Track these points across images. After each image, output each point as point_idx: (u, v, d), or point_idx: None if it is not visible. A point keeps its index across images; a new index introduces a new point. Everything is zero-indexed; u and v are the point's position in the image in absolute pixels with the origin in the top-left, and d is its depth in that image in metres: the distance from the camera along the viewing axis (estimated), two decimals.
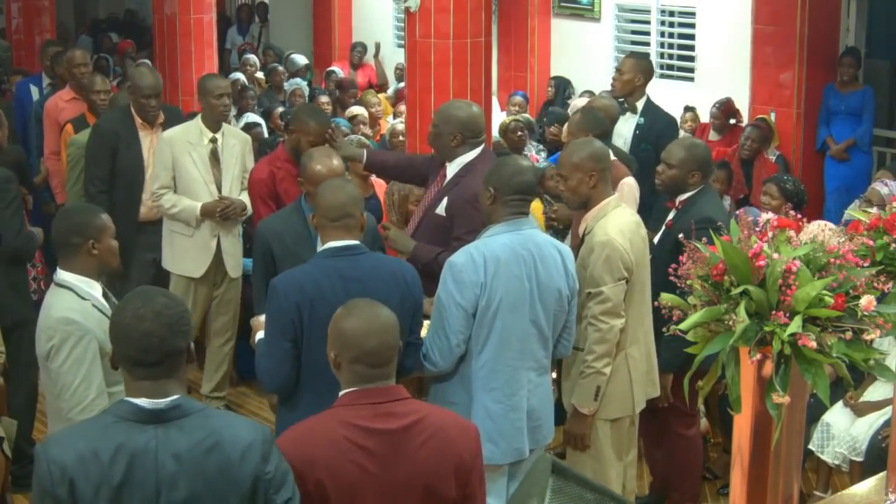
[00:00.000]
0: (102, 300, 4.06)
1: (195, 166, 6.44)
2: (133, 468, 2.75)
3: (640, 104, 7.13)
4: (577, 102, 9.15)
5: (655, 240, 5.23)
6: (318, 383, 4.04)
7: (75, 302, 3.96)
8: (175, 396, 2.82)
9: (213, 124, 6.48)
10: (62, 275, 4.04)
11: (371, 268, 4.11)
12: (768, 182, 6.37)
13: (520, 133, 8.55)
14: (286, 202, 5.57)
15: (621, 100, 7.24)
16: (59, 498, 2.74)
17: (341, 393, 3.18)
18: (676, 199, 5.30)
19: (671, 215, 5.30)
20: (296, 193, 5.43)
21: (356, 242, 4.14)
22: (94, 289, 4.05)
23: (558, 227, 6.27)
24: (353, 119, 9.27)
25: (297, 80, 11.85)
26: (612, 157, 5.39)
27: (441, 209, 5.27)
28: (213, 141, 6.47)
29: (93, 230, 4.06)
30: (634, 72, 7.15)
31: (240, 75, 11.50)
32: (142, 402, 2.79)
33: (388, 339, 3.17)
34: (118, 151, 6.69)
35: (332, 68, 12.52)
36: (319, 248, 4.22)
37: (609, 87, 7.76)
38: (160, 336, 2.82)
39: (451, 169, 5.33)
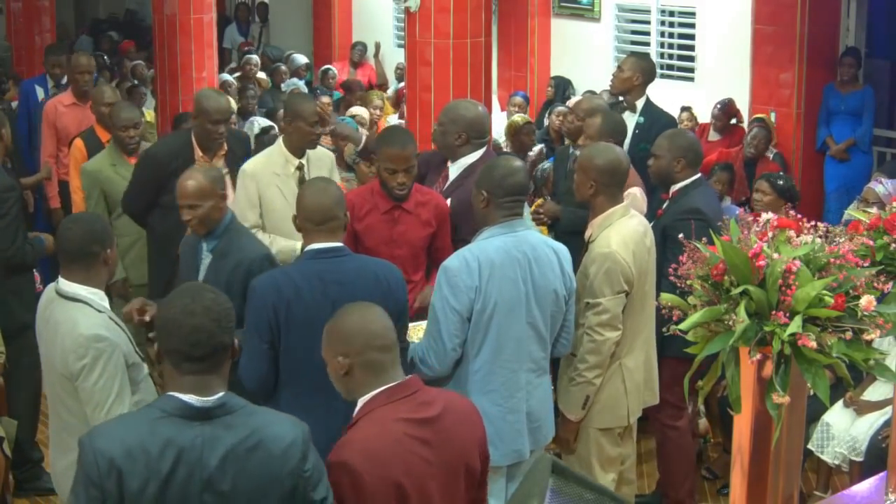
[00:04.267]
0: (111, 311, 3.94)
1: (284, 199, 5.51)
2: (180, 464, 2.77)
3: (639, 104, 7.13)
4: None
5: None
6: (297, 384, 4.05)
7: (97, 316, 3.82)
8: (221, 394, 2.84)
9: (299, 150, 5.67)
10: (72, 287, 3.86)
11: (352, 270, 4.10)
12: (760, 179, 6.48)
13: (531, 136, 8.57)
14: None
15: (620, 99, 7.24)
16: (107, 490, 2.75)
17: (369, 396, 3.16)
18: (670, 190, 5.40)
19: (664, 206, 5.38)
20: None
21: (339, 244, 4.14)
22: (104, 300, 3.93)
23: (545, 222, 6.25)
24: (354, 118, 9.28)
25: (295, 80, 11.84)
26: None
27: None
28: (300, 168, 5.66)
29: (108, 238, 3.95)
30: (633, 70, 7.15)
31: (227, 77, 11.46)
32: (190, 398, 2.81)
33: (388, 323, 3.24)
34: (168, 184, 5.72)
35: (328, 66, 12.50)
36: (304, 250, 4.20)
37: (608, 86, 7.74)
38: (209, 331, 2.84)
39: (454, 170, 5.33)
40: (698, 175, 5.44)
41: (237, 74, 11.75)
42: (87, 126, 7.53)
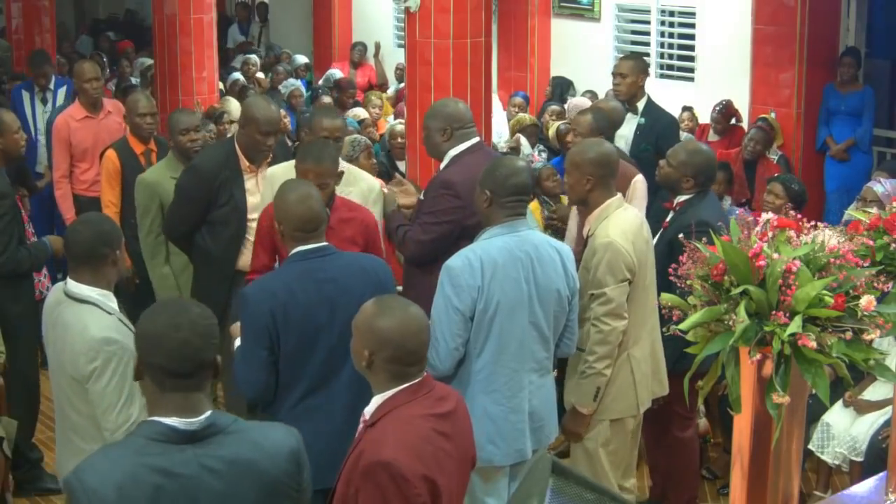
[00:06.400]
0: (120, 313, 3.92)
1: None
2: (176, 491, 2.64)
3: (640, 104, 7.12)
4: (576, 102, 9.15)
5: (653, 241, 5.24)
6: (296, 387, 4.05)
7: (106, 318, 3.80)
8: (207, 414, 2.71)
9: None
10: (81, 288, 3.85)
11: (342, 266, 4.12)
12: (773, 181, 6.41)
13: (533, 137, 8.58)
14: None
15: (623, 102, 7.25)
16: None
17: (388, 394, 3.13)
18: (675, 200, 5.35)
19: (669, 217, 5.33)
20: None
21: (325, 243, 4.15)
22: (113, 301, 3.90)
23: (559, 227, 6.26)
24: (355, 119, 9.30)
25: (292, 80, 11.85)
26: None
27: (422, 195, 5.35)
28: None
29: (117, 239, 3.93)
30: (636, 73, 7.15)
31: (239, 76, 11.50)
32: (174, 422, 2.67)
33: (425, 339, 3.20)
34: (217, 198, 5.59)
35: (331, 71, 12.54)
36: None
37: (611, 90, 7.70)
38: (195, 346, 2.72)
39: (443, 163, 5.35)
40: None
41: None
42: (104, 139, 7.28)
